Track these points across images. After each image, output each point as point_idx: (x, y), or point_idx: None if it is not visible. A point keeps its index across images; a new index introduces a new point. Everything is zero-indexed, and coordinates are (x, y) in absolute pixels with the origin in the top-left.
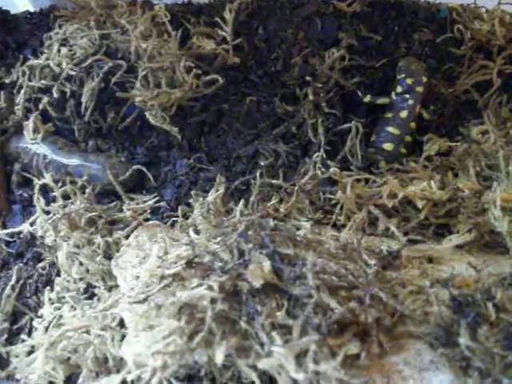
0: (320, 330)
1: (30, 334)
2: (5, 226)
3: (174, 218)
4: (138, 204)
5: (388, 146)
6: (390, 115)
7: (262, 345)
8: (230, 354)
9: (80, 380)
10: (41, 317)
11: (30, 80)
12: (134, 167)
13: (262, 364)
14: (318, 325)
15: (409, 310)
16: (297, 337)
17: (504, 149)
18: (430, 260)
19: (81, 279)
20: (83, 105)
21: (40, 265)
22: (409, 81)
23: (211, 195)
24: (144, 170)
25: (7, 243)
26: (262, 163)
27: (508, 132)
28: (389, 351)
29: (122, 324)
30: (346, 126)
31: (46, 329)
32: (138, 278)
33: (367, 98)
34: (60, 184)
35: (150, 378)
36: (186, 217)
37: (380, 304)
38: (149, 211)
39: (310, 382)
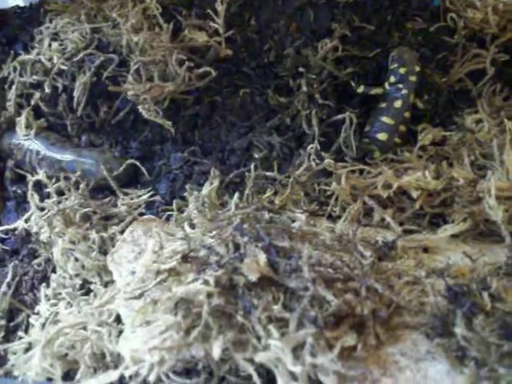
0: (316, 322)
1: (26, 330)
2: None
3: (169, 212)
4: (132, 199)
5: (382, 136)
6: (383, 105)
7: (258, 338)
8: (226, 348)
9: (78, 376)
10: (37, 313)
11: (21, 75)
12: (128, 162)
13: (259, 357)
14: (315, 317)
15: (405, 300)
16: (293, 330)
17: (498, 137)
18: (426, 250)
19: (77, 275)
20: (75, 99)
21: (35, 261)
22: (402, 70)
23: (206, 188)
24: (138, 164)
25: (2, 240)
26: (257, 155)
27: (502, 121)
28: (385, 342)
29: (118, 320)
30: (339, 116)
31: (43, 325)
32: (133, 273)
33: (361, 89)
34: (54, 180)
35: (147, 374)
36: (181, 211)
37: (376, 295)
38: (143, 206)
39: (308, 374)
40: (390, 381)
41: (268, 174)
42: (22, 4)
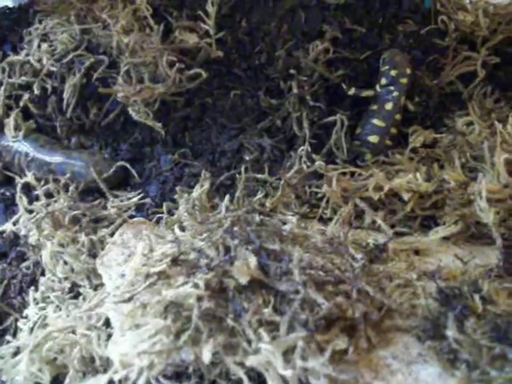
0: (307, 325)
1: (15, 334)
2: None
3: (159, 215)
4: (122, 201)
5: (373, 139)
6: (374, 107)
7: (249, 342)
8: (217, 352)
9: (67, 380)
10: (26, 317)
11: (10, 77)
12: (118, 164)
13: (250, 361)
14: (306, 321)
15: (396, 303)
16: (284, 333)
17: (489, 140)
18: (417, 252)
19: (66, 278)
20: (65, 101)
21: (24, 264)
22: (393, 72)
23: (196, 191)
24: (128, 166)
25: None
26: (247, 158)
27: (493, 123)
28: (377, 345)
29: (107, 323)
30: (330, 118)
31: (31, 329)
32: (123, 276)
33: (352, 91)
34: (43, 182)
35: (136, 378)
36: (171, 213)
37: (367, 298)
38: (133, 208)
39: (298, 378)
40: None
41: (259, 176)
42: (10, 5)
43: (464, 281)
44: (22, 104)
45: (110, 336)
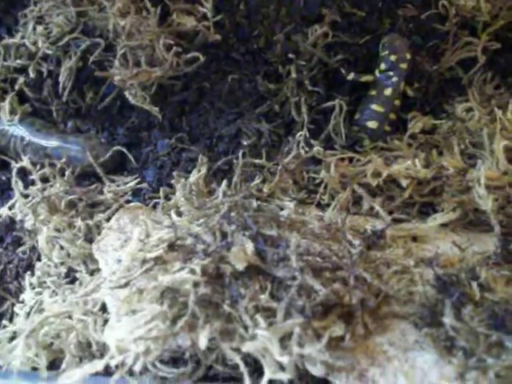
0: (304, 312)
1: (11, 319)
2: None
3: (156, 200)
4: (118, 186)
5: (372, 124)
6: (373, 93)
7: (245, 328)
8: (213, 338)
9: (63, 365)
10: (22, 302)
11: (5, 60)
12: (115, 148)
13: (246, 347)
14: (302, 307)
15: (393, 290)
16: (281, 319)
17: (488, 126)
18: (415, 239)
19: (62, 263)
20: (61, 85)
21: (20, 249)
22: (392, 58)
23: (193, 176)
24: (125, 150)
25: None
26: (245, 143)
27: (492, 109)
28: (373, 332)
29: (104, 308)
30: (329, 104)
31: (28, 314)
32: (119, 261)
33: (351, 76)
34: (38, 166)
35: (133, 363)
36: (167, 198)
37: (364, 285)
38: (130, 193)
39: (295, 364)
40: (377, 370)
41: (256, 161)
42: None
43: (462, 268)
44: (17, 87)
45: (106, 321)
